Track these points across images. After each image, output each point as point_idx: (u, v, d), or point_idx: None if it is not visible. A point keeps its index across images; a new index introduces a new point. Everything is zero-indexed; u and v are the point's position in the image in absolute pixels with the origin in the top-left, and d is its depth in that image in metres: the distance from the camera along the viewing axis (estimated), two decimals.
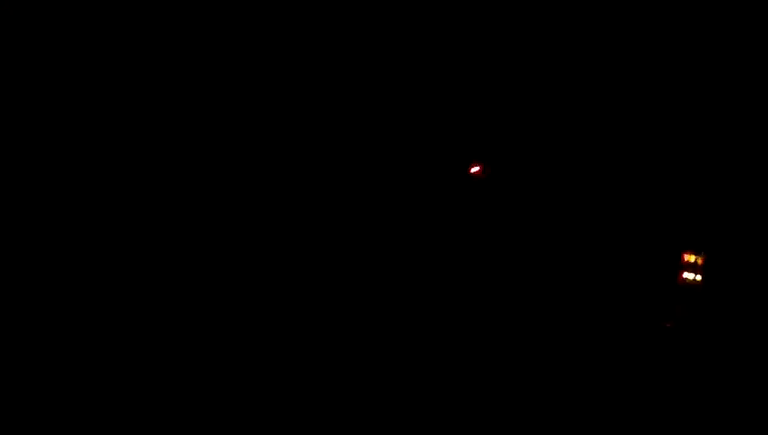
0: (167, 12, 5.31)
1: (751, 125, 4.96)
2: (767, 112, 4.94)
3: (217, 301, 5.18)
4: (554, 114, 5.22)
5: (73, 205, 5.18)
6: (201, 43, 5.36)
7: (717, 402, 4.64)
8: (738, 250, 4.99)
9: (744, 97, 4.93)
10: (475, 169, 5.01)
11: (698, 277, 5.08)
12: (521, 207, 5.22)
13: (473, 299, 5.29)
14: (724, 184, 5.00)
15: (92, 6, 5.24)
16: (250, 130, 5.40)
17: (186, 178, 5.31)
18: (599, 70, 5.20)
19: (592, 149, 5.18)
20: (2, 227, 5.06)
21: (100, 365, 4.82)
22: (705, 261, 5.10)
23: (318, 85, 5.35)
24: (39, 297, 5.00)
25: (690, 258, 5.11)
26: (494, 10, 5.14)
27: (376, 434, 4.64)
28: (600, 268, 5.16)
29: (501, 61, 5.23)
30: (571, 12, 5.08)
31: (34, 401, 4.58)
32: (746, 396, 4.66)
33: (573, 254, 5.17)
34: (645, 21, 5.03)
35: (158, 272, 5.18)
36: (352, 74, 5.33)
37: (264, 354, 5.02)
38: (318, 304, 5.24)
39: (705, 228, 5.07)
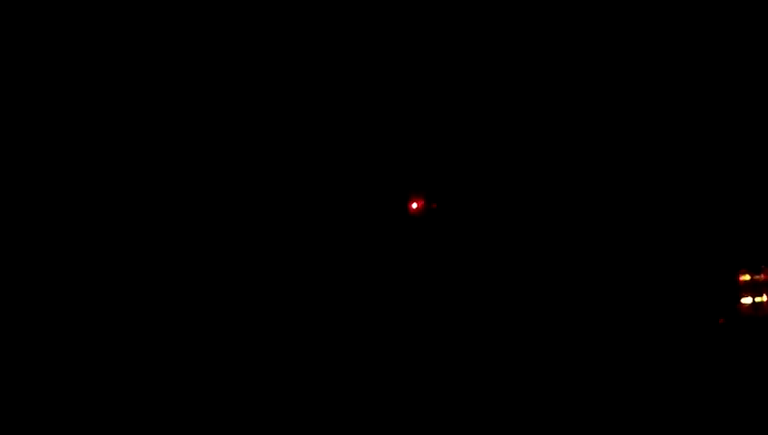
0: (167, 12, 5.30)
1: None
2: None
3: (217, 301, 5.17)
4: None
5: (73, 205, 5.17)
6: (201, 43, 5.35)
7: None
8: None
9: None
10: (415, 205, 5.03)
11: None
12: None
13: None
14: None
15: (92, 6, 5.23)
16: (248, 131, 5.39)
17: (185, 178, 5.30)
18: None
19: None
20: (2, 228, 5.05)
21: (101, 365, 4.81)
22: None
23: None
24: (39, 297, 4.98)
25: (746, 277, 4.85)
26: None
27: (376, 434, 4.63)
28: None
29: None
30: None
31: (34, 402, 4.57)
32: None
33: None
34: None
35: (158, 272, 5.17)
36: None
37: (263, 354, 5.01)
38: (316, 305, 5.24)
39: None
